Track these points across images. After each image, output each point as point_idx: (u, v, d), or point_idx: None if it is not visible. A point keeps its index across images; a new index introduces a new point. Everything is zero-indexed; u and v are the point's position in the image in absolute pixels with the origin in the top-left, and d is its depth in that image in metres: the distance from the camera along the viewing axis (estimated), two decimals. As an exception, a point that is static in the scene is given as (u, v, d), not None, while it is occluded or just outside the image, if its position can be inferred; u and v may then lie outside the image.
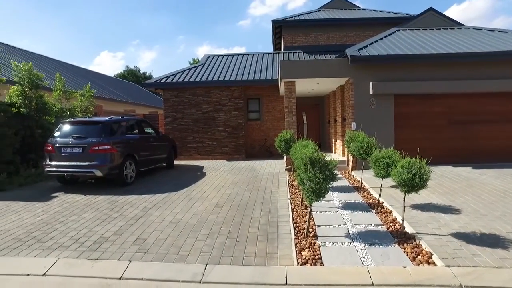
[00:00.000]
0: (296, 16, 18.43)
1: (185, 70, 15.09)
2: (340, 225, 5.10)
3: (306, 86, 11.65)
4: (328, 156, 4.85)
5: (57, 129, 8.42)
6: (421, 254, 4.03)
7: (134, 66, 52.92)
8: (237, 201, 6.73)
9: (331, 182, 4.53)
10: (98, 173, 7.68)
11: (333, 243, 4.45)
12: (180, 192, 7.58)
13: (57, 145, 7.95)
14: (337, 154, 12.15)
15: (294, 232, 4.85)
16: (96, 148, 7.70)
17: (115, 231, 5.20)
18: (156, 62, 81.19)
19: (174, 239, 4.80)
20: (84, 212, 6.17)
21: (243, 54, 17.44)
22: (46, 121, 9.89)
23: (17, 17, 74.69)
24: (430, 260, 3.89)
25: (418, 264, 3.83)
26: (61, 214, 6.14)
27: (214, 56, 17.33)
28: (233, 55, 17.43)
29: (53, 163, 7.94)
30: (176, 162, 12.02)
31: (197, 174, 10.03)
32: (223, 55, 17.40)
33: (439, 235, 4.57)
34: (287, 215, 5.71)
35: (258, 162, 12.19)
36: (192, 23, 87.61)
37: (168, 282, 3.75)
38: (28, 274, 4.05)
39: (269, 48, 57.70)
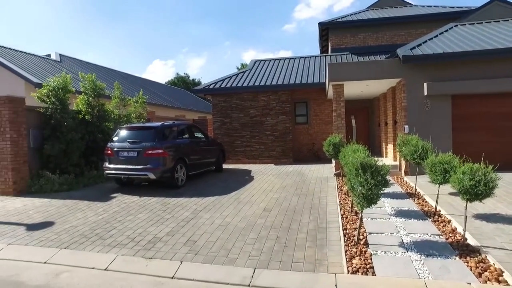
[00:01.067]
0: (343, 17, 18.03)
1: (232, 76, 15.42)
2: (393, 234, 4.86)
3: (355, 88, 11.33)
4: (380, 161, 4.66)
5: (115, 134, 9.02)
6: (488, 270, 3.66)
7: (184, 73, 55.18)
8: (285, 205, 6.71)
9: (384, 188, 4.35)
10: (152, 176, 8.08)
11: (385, 252, 4.25)
12: (229, 195, 7.72)
13: (115, 149, 8.51)
14: (388, 158, 11.63)
15: (344, 239, 4.71)
16: (150, 152, 8.12)
17: (167, 232, 5.43)
18: (204, 69, 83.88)
19: (223, 242, 4.89)
20: (139, 213, 6.53)
21: (290, 58, 17.41)
22: (106, 127, 10.64)
23: (84, 33, 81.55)
24: (500, 278, 3.49)
25: (486, 282, 3.48)
26: (119, 214, 6.55)
27: (261, 61, 17.50)
28: (279, 59, 17.47)
29: (112, 166, 8.50)
30: (224, 166, 12.29)
31: (245, 178, 10.16)
32: (270, 60, 17.50)
33: (510, 250, 4.13)
34: (336, 221, 5.58)
35: (305, 167, 12.06)
36: (238, 29, 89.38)
37: (217, 284, 3.83)
38: (93, 268, 4.41)
39: (316, 51, 57.04)
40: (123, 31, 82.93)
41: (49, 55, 18.61)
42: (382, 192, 4.35)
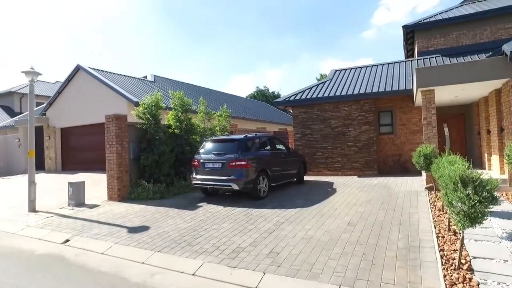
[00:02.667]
0: (431, 17, 16.57)
1: (313, 86, 15.31)
2: (507, 261, 4.17)
3: (447, 94, 10.28)
4: (485, 174, 4.09)
5: (201, 146, 9.61)
6: None
7: (264, 86, 56.69)
8: (371, 220, 6.31)
9: (491, 206, 3.80)
10: (235, 187, 8.37)
11: (498, 283, 3.64)
12: (311, 208, 7.58)
13: (201, 160, 9.05)
14: (493, 171, 10.19)
15: (442, 262, 4.22)
16: (233, 163, 8.45)
17: (250, 242, 5.52)
18: (283, 81, 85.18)
19: (306, 255, 4.79)
20: (224, 222, 6.78)
21: (372, 66, 16.64)
22: (193, 140, 11.43)
23: (175, 55, 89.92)
24: None
25: None
26: (205, 222, 6.89)
27: (341, 70, 17.08)
28: (361, 67, 16.82)
29: (198, 176, 9.05)
30: (305, 178, 12.15)
31: (327, 190, 9.89)
32: (351, 68, 16.97)
33: None
34: (430, 240, 5.04)
35: (392, 179, 11.26)
36: (315, 40, 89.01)
37: (301, 299, 3.74)
38: (182, 272, 4.69)
39: (398, 56, 53.52)
40: (208, 50, 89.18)
41: (145, 77, 20.84)
42: (489, 210, 3.80)
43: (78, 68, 16.88)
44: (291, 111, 15.24)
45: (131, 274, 4.70)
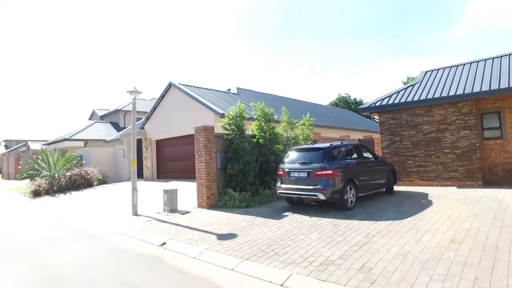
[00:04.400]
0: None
1: (400, 90, 14.27)
2: None
3: None
4: None
5: (286, 155, 9.61)
6: None
7: (345, 93, 54.88)
8: (481, 239, 5.51)
9: None
10: (321, 196, 8.13)
11: None
12: (405, 221, 6.96)
13: (286, 169, 9.03)
14: None
15: None
16: (319, 173, 8.23)
17: (340, 255, 5.26)
18: (363, 86, 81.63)
19: (403, 274, 4.36)
20: (311, 233, 6.61)
21: (470, 63, 14.83)
22: (277, 149, 11.52)
23: (254, 66, 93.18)
24: None
25: None
26: (291, 232, 6.81)
27: (432, 70, 15.60)
28: (456, 65, 15.13)
29: (283, 185, 9.03)
30: (395, 188, 11.28)
31: (422, 201, 9.00)
32: (444, 68, 15.38)
33: None
34: None
35: (503, 191, 9.76)
36: (397, 41, 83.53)
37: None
38: (270, 281, 4.67)
39: (500, 51, 46.95)
40: (286, 59, 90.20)
41: (229, 89, 21.89)
42: None
43: (170, 85, 18.52)
44: (377, 118, 14.38)
45: (222, 281, 4.85)
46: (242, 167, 10.37)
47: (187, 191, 12.49)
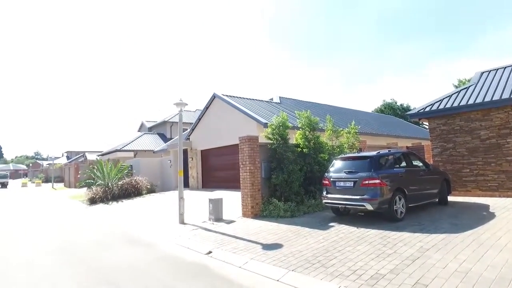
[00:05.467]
0: None
1: (452, 94, 13.43)
2: None
3: None
4: None
5: (331, 164, 9.40)
6: None
7: (390, 99, 52.75)
8: (555, 256, 4.96)
9: None
10: (369, 206, 7.82)
11: None
12: (463, 234, 6.45)
13: (332, 179, 8.82)
14: None
15: None
16: (366, 182, 7.94)
17: (390, 269, 5.00)
18: (411, 91, 78.09)
19: (464, 293, 4.03)
20: (358, 245, 6.36)
21: (535, 62, 13.61)
22: (321, 158, 11.31)
23: (296, 76, 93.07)
24: None
25: None
26: (338, 243, 6.60)
27: (489, 71, 14.51)
28: (518, 65, 13.94)
29: (329, 195, 8.82)
30: (450, 198, 10.54)
31: (482, 214, 8.32)
32: (503, 68, 14.23)
33: None
34: None
35: None
36: (447, 42, 79.01)
37: None
38: (318, 296, 4.53)
39: None
40: (328, 67, 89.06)
41: (272, 99, 21.99)
42: None
43: (214, 96, 19.02)
44: (426, 124, 13.61)
45: (268, 291, 4.79)
46: (286, 176, 10.30)
47: (232, 200, 12.63)
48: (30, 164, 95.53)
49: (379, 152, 8.85)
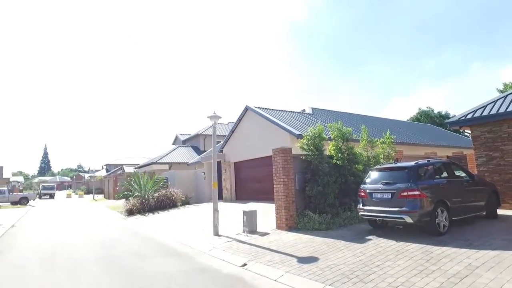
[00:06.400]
0: None
1: (497, 99, 12.68)
2: None
3: None
4: None
5: (367, 176, 9.14)
6: None
7: (427, 107, 50.60)
8: None
9: None
10: (408, 219, 7.47)
11: None
12: (518, 251, 5.99)
13: (368, 190, 8.56)
14: None
15: None
16: (405, 193, 7.62)
17: (436, 287, 4.73)
18: (450, 99, 74.68)
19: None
20: (398, 259, 6.09)
21: None
22: (356, 169, 11.04)
23: (327, 87, 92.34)
24: None
25: None
26: (376, 257, 6.36)
27: (538, 75, 13.63)
28: None
29: (366, 207, 8.55)
30: (499, 212, 9.84)
31: (538, 228, 7.71)
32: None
33: None
34: None
35: None
36: (488, 46, 74.98)
37: None
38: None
39: None
40: (361, 76, 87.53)
41: (304, 110, 21.87)
42: None
43: (246, 109, 19.23)
44: (468, 132, 12.91)
45: (305, 306, 4.68)
46: (321, 188, 10.13)
47: (266, 212, 12.59)
48: (74, 177, 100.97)
49: (417, 162, 8.49)
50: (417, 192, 7.48)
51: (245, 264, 7.00)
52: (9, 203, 31.84)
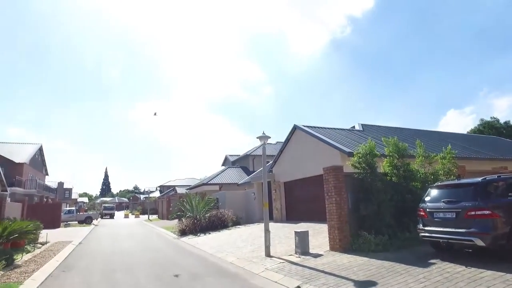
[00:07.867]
0: None
1: None
2: None
3: None
4: None
5: (426, 193, 8.54)
6: None
7: (490, 117, 46.65)
8: None
9: None
10: (479, 242, 6.74)
11: None
12: None
13: (428, 209, 7.97)
14: None
15: None
16: (472, 213, 6.93)
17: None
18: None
19: None
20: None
21: None
22: (413, 186, 10.40)
23: (377, 102, 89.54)
24: None
25: None
26: (444, 284, 5.83)
27: None
28: None
29: (427, 228, 7.93)
30: None
31: None
32: None
33: None
34: None
35: None
36: None
37: None
38: None
39: None
40: (413, 89, 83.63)
41: (353, 127, 21.30)
42: None
43: (295, 128, 19.18)
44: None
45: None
46: (376, 207, 9.65)
47: (317, 233, 12.23)
48: (131, 198, 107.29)
49: (485, 178, 7.75)
50: (487, 212, 6.79)
51: (298, 287, 6.79)
52: (77, 222, 35.07)
